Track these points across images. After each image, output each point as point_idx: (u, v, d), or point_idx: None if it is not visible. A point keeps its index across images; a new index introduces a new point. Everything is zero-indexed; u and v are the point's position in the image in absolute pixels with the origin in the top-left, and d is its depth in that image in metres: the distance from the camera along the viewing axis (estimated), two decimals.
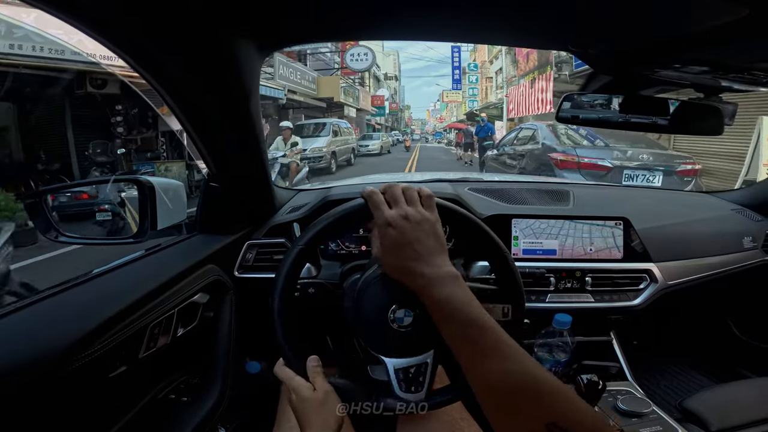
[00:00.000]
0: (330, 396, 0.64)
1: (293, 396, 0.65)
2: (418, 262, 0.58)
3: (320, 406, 0.63)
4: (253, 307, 1.07)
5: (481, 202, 1.27)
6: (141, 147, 8.63)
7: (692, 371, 1.46)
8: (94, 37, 0.58)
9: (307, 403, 0.63)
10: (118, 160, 8.05)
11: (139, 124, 8.45)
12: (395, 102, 51.58)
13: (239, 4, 0.62)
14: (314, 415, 0.63)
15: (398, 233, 0.59)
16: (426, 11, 0.67)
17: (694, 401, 0.98)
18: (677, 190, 1.78)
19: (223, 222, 1.10)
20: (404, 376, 0.65)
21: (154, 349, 0.79)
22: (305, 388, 0.64)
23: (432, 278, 0.57)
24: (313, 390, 0.64)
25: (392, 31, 0.77)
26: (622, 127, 0.84)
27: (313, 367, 0.66)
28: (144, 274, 0.84)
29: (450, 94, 37.99)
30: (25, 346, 0.57)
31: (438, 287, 0.57)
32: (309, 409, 0.63)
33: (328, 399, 0.64)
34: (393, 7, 0.66)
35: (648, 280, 1.20)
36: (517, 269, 0.69)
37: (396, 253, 0.60)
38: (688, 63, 0.72)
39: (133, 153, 8.44)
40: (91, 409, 0.69)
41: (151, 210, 0.87)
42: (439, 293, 0.56)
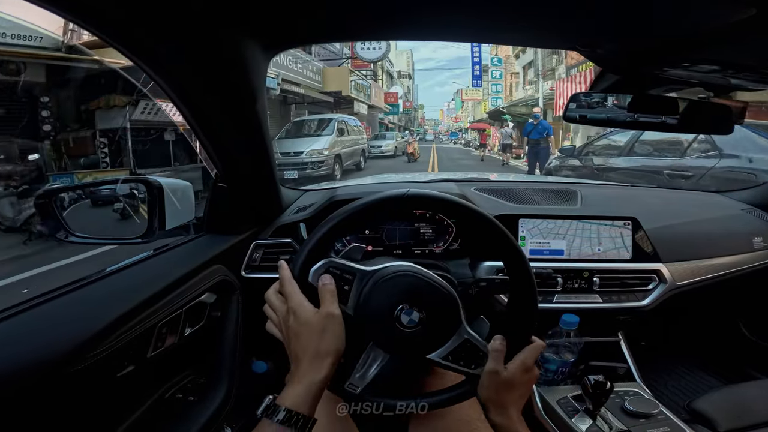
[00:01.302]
0: (334, 323, 0.58)
1: (291, 317, 0.58)
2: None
3: (319, 333, 0.57)
4: (259, 307, 1.08)
5: (488, 202, 1.26)
6: (72, 151, 6.86)
7: (701, 372, 1.45)
8: (98, 36, 0.58)
9: (306, 328, 0.57)
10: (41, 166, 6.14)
11: (71, 120, 6.87)
12: (409, 100, 50.32)
13: (243, 3, 0.62)
14: (310, 344, 0.57)
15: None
16: (433, 12, 0.67)
17: (703, 402, 0.97)
18: (685, 189, 1.76)
19: (231, 222, 1.10)
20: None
21: (162, 348, 0.80)
22: (308, 310, 0.58)
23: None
24: (314, 312, 0.58)
25: (399, 31, 0.77)
26: (630, 126, 0.84)
27: (325, 286, 0.60)
28: (152, 273, 0.85)
29: (470, 92, 36.45)
30: (35, 345, 0.58)
31: None
32: (306, 335, 0.57)
33: (330, 326, 0.58)
34: (400, 8, 0.66)
35: (657, 281, 1.19)
36: (531, 267, 0.68)
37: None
38: (697, 62, 0.72)
39: (66, 158, 6.77)
40: (99, 408, 0.69)
41: (160, 210, 0.88)
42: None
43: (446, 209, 0.69)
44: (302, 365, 0.56)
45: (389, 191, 0.67)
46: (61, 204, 0.89)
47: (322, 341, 0.57)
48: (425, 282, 0.65)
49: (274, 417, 0.52)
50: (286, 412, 0.53)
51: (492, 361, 0.64)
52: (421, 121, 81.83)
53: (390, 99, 30.96)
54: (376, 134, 21.69)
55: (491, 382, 0.63)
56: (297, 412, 0.53)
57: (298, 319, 0.57)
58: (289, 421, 0.52)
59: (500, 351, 0.64)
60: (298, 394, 0.54)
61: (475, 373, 0.66)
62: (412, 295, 0.63)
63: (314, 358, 0.56)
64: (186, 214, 0.97)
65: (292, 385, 0.56)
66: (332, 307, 0.59)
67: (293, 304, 0.58)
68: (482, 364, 0.66)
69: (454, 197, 0.68)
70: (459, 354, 0.66)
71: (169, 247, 0.97)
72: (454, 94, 75.17)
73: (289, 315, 0.59)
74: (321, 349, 0.57)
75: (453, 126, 67.24)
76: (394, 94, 33.31)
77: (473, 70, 29.78)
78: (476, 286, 0.76)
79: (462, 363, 0.66)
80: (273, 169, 1.07)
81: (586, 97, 0.89)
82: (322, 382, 0.56)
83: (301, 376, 0.56)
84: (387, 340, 0.65)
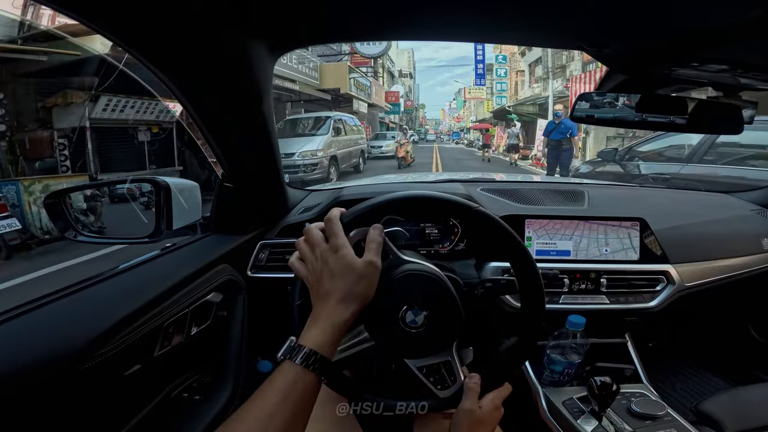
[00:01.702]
0: (374, 273, 0.58)
1: (332, 256, 0.57)
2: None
3: (356, 278, 0.56)
4: (265, 307, 1.08)
5: (494, 203, 1.26)
6: (29, 153, 6.14)
7: (708, 374, 1.44)
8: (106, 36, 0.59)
9: (346, 270, 0.56)
10: None
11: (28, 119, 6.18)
12: (410, 100, 49.49)
13: (247, 4, 0.62)
14: (343, 285, 0.56)
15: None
16: (438, 11, 0.67)
17: (710, 404, 0.97)
18: (694, 189, 1.75)
19: (237, 222, 1.11)
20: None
21: (169, 347, 0.80)
22: (351, 253, 0.57)
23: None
24: (357, 258, 0.57)
25: (405, 31, 0.77)
26: (639, 126, 0.83)
27: (375, 237, 0.61)
28: (159, 273, 0.86)
29: (473, 91, 34.29)
30: (43, 344, 0.58)
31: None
32: (342, 276, 0.56)
33: (369, 274, 0.57)
34: (405, 8, 0.66)
35: (665, 282, 1.18)
36: (538, 268, 0.67)
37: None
38: (706, 61, 0.71)
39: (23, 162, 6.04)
40: (106, 406, 0.70)
41: (167, 210, 0.89)
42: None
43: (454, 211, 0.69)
44: (329, 305, 0.56)
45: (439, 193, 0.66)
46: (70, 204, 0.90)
47: (357, 285, 0.56)
48: (443, 287, 0.65)
49: (295, 358, 0.52)
50: (308, 353, 0.52)
51: (467, 400, 0.64)
52: (422, 121, 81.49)
53: (391, 98, 30.48)
54: (377, 134, 20.81)
55: (465, 419, 0.63)
56: (319, 353, 0.53)
57: (341, 259, 0.57)
58: (310, 362, 0.52)
59: (475, 390, 0.65)
60: (321, 335, 0.54)
61: (440, 396, 0.66)
62: (415, 296, 0.63)
63: (343, 300, 0.56)
64: (193, 214, 0.98)
65: (315, 325, 0.55)
66: (377, 258, 0.59)
67: (338, 243, 0.58)
68: (448, 388, 0.66)
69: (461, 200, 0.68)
70: (434, 371, 0.66)
71: (176, 247, 0.98)
72: (456, 93, 74.65)
73: (330, 253, 0.58)
74: (353, 292, 0.56)
75: (455, 126, 66.55)
76: (395, 92, 32.81)
77: (476, 68, 28.66)
78: (482, 287, 0.75)
79: (432, 380, 0.66)
80: (279, 169, 1.07)
81: (593, 96, 0.89)
82: (345, 324, 0.56)
83: (326, 317, 0.55)
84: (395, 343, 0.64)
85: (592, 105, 0.88)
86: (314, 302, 0.58)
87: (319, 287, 0.57)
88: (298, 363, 0.52)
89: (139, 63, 0.66)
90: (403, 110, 40.37)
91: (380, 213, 0.65)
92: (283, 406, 0.49)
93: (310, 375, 0.52)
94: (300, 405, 0.51)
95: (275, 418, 0.48)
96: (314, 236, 0.60)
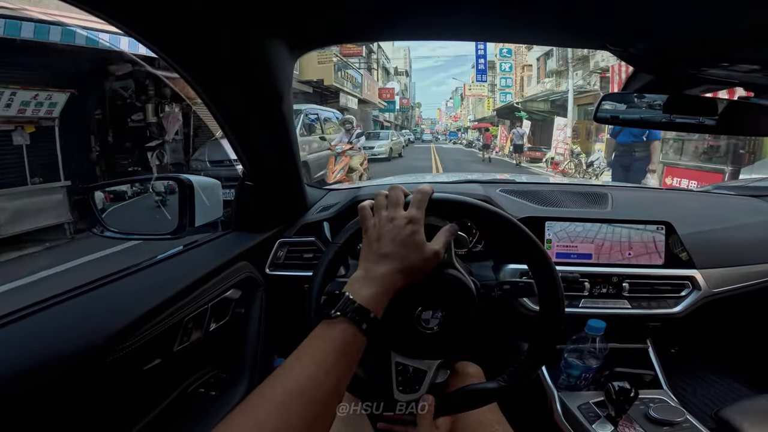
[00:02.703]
0: (434, 261, 0.58)
1: (408, 227, 0.57)
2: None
3: (421, 258, 0.56)
4: (282, 304, 1.10)
5: (513, 204, 1.24)
6: None
7: (732, 381, 1.39)
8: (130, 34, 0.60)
9: (414, 244, 0.56)
10: None
11: None
12: (406, 98, 47.54)
13: (269, 2, 0.63)
14: (408, 254, 0.56)
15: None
16: (462, 10, 0.66)
17: (731, 411, 0.94)
18: (723, 193, 1.69)
19: (257, 220, 1.13)
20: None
21: (188, 343, 0.82)
22: (423, 234, 0.58)
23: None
24: (427, 243, 0.58)
25: (427, 31, 0.76)
26: (666, 127, 0.81)
27: (450, 228, 0.61)
28: (181, 269, 0.88)
29: (473, 87, 31.02)
30: (68, 337, 0.60)
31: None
32: (410, 248, 0.56)
33: (432, 258, 0.58)
34: (428, 7, 0.65)
35: (690, 288, 1.14)
36: (557, 271, 0.66)
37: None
38: (737, 61, 0.69)
39: None
40: (125, 400, 0.72)
41: (190, 207, 0.91)
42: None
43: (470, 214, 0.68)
44: (389, 267, 0.55)
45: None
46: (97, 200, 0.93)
47: (419, 265, 0.57)
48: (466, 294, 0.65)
49: (349, 312, 0.50)
50: (362, 309, 0.51)
51: (422, 427, 0.62)
52: (418, 120, 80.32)
53: (386, 95, 28.68)
54: (369, 133, 17.73)
55: None
56: (371, 312, 0.52)
57: (415, 234, 0.57)
58: (364, 319, 0.51)
59: (429, 413, 0.63)
60: (375, 294, 0.53)
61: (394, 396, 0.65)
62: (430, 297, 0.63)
63: (402, 271, 0.56)
64: (215, 212, 1.00)
65: (369, 284, 0.54)
66: (443, 250, 0.59)
67: (416, 216, 0.58)
68: (407, 393, 0.65)
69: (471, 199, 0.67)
70: (404, 372, 0.66)
71: (198, 244, 1.00)
72: (453, 92, 72.46)
73: (404, 220, 0.57)
74: (413, 268, 0.56)
75: (452, 125, 64.47)
76: (390, 89, 30.85)
77: (477, 63, 26.30)
78: (499, 289, 0.75)
79: (399, 380, 0.65)
80: (299, 168, 1.09)
81: (618, 96, 0.86)
82: (395, 292, 0.56)
83: (382, 278, 0.54)
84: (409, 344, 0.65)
85: (617, 105, 0.86)
86: (368, 256, 0.57)
87: (379, 244, 0.57)
88: (356, 322, 0.50)
89: None
90: (398, 108, 38.68)
91: (462, 212, 0.66)
92: (338, 365, 0.47)
93: (363, 337, 0.51)
94: (351, 367, 0.50)
95: (332, 375, 0.46)
96: (398, 197, 0.60)
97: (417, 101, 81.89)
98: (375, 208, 0.61)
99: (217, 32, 0.66)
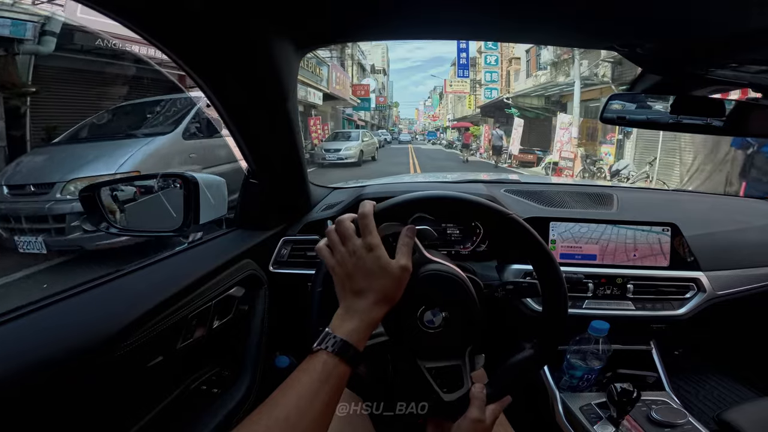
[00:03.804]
0: (406, 277, 0.58)
1: (367, 255, 0.57)
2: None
3: (391, 281, 0.57)
4: (285, 302, 1.10)
5: (518, 205, 1.24)
6: None
7: (736, 383, 1.38)
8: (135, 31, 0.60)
9: (383, 271, 0.56)
10: None
11: None
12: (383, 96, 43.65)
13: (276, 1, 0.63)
14: (378, 285, 0.56)
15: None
16: (471, 10, 0.66)
17: (734, 413, 0.94)
18: (729, 195, 1.68)
19: (261, 218, 1.13)
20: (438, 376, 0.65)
21: (191, 340, 0.82)
22: (385, 254, 0.57)
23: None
24: (391, 260, 0.57)
25: (435, 30, 0.76)
26: (673, 128, 0.80)
27: (409, 238, 0.61)
28: (186, 266, 0.88)
29: (454, 84, 27.17)
30: (72, 334, 0.60)
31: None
32: (378, 276, 0.56)
33: (403, 278, 0.58)
34: (434, 7, 0.65)
35: (695, 290, 1.14)
36: (561, 271, 0.66)
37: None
38: (745, 62, 0.68)
39: None
40: (128, 397, 0.72)
41: (195, 205, 0.91)
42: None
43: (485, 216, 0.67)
44: (365, 302, 0.56)
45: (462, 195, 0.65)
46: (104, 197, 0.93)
47: (393, 288, 0.57)
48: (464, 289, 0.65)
49: (334, 348, 0.52)
50: (345, 345, 0.53)
51: (476, 409, 0.62)
52: (396, 120, 78.56)
53: (360, 91, 26.10)
54: (336, 133, 15.79)
55: (472, 429, 0.62)
56: (352, 344, 0.53)
57: (378, 260, 0.56)
58: (348, 354, 0.52)
59: (481, 399, 0.63)
60: (356, 330, 0.54)
61: (444, 399, 0.65)
62: (434, 297, 0.63)
63: (380, 301, 0.56)
64: (219, 209, 1.00)
65: (351, 319, 0.55)
66: (409, 262, 0.59)
67: (373, 242, 0.57)
68: (453, 392, 0.65)
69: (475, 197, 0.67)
70: (443, 373, 0.65)
71: (203, 241, 1.00)
72: (431, 91, 70.49)
73: (364, 250, 0.57)
74: (389, 295, 0.57)
75: (430, 125, 62.31)
76: (365, 86, 27.96)
77: (459, 58, 23.53)
78: (503, 289, 0.75)
79: (439, 382, 0.65)
80: (303, 167, 1.09)
81: (625, 97, 0.86)
82: (377, 323, 0.57)
83: (362, 313, 0.56)
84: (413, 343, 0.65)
85: (625, 106, 0.85)
86: (344, 295, 0.58)
87: (350, 282, 0.57)
88: (336, 354, 0.52)
89: None
90: (374, 107, 36.34)
91: (412, 209, 0.65)
92: (320, 394, 0.49)
93: (345, 367, 0.52)
94: (335, 395, 0.51)
95: (315, 403, 0.49)
96: (347, 228, 0.59)
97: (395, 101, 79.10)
98: (331, 245, 0.60)
99: (222, 30, 0.66)
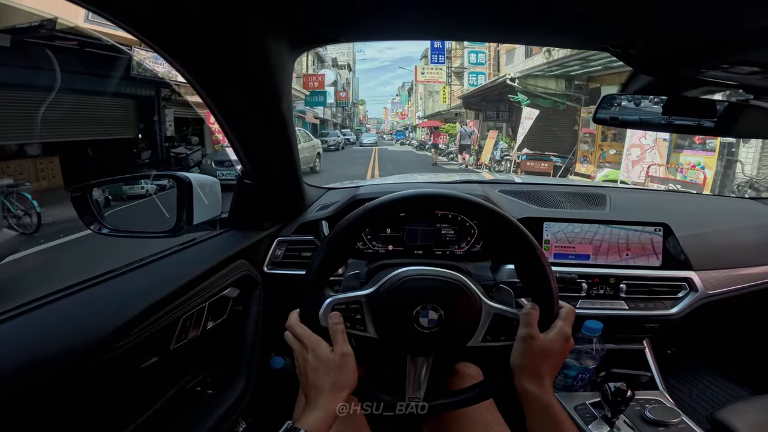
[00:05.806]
0: (348, 360, 0.62)
1: (309, 355, 0.62)
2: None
3: (337, 370, 0.61)
4: (280, 303, 1.10)
5: (512, 205, 1.24)
6: None
7: (729, 382, 1.39)
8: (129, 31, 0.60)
9: (325, 365, 0.61)
10: None
11: None
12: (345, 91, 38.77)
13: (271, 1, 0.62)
14: (328, 378, 0.60)
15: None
16: (466, 12, 0.66)
17: (727, 412, 0.95)
18: (721, 195, 1.70)
19: (255, 218, 1.12)
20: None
21: (185, 341, 0.82)
22: (324, 347, 0.62)
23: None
24: (330, 351, 0.61)
25: (429, 31, 0.76)
26: (665, 129, 0.81)
27: (335, 324, 0.63)
28: (180, 267, 0.87)
29: (427, 71, 21.08)
30: (64, 335, 0.60)
31: None
32: (324, 371, 0.61)
33: (346, 363, 0.61)
34: (431, 7, 0.65)
35: (687, 289, 1.15)
36: (550, 266, 0.66)
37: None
38: (736, 63, 0.69)
39: None
40: (121, 398, 0.71)
41: (188, 205, 0.90)
42: None
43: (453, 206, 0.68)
44: (322, 395, 0.60)
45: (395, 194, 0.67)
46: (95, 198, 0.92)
47: (340, 376, 0.61)
48: (432, 279, 0.65)
49: None
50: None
51: (525, 326, 0.62)
52: (363, 119, 76.62)
53: (313, 83, 21.78)
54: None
55: (526, 348, 0.61)
56: None
57: (318, 357, 0.61)
58: None
59: (532, 315, 0.62)
60: (318, 420, 0.58)
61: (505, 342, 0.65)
62: (428, 296, 0.63)
63: (333, 390, 0.60)
64: (213, 210, 0.99)
65: (312, 410, 0.59)
66: (345, 347, 0.62)
67: (310, 344, 0.63)
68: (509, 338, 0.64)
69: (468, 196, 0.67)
70: (495, 331, 0.65)
71: (196, 242, 1.00)
72: (399, 88, 67.71)
73: (306, 352, 0.63)
74: (339, 383, 0.61)
75: (398, 124, 58.57)
76: (320, 76, 23.40)
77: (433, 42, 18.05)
78: (497, 289, 0.75)
79: (503, 338, 0.65)
80: (297, 167, 1.08)
81: (617, 97, 0.87)
82: (337, 407, 0.61)
83: (321, 405, 0.59)
84: (413, 345, 0.66)
85: (617, 106, 0.86)
86: (306, 390, 0.62)
87: (307, 379, 0.62)
88: None
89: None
90: (335, 103, 33.11)
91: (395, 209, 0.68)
92: None
93: None
94: None
95: None
96: (288, 339, 0.66)
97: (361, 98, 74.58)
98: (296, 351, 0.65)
99: (217, 30, 0.65)
